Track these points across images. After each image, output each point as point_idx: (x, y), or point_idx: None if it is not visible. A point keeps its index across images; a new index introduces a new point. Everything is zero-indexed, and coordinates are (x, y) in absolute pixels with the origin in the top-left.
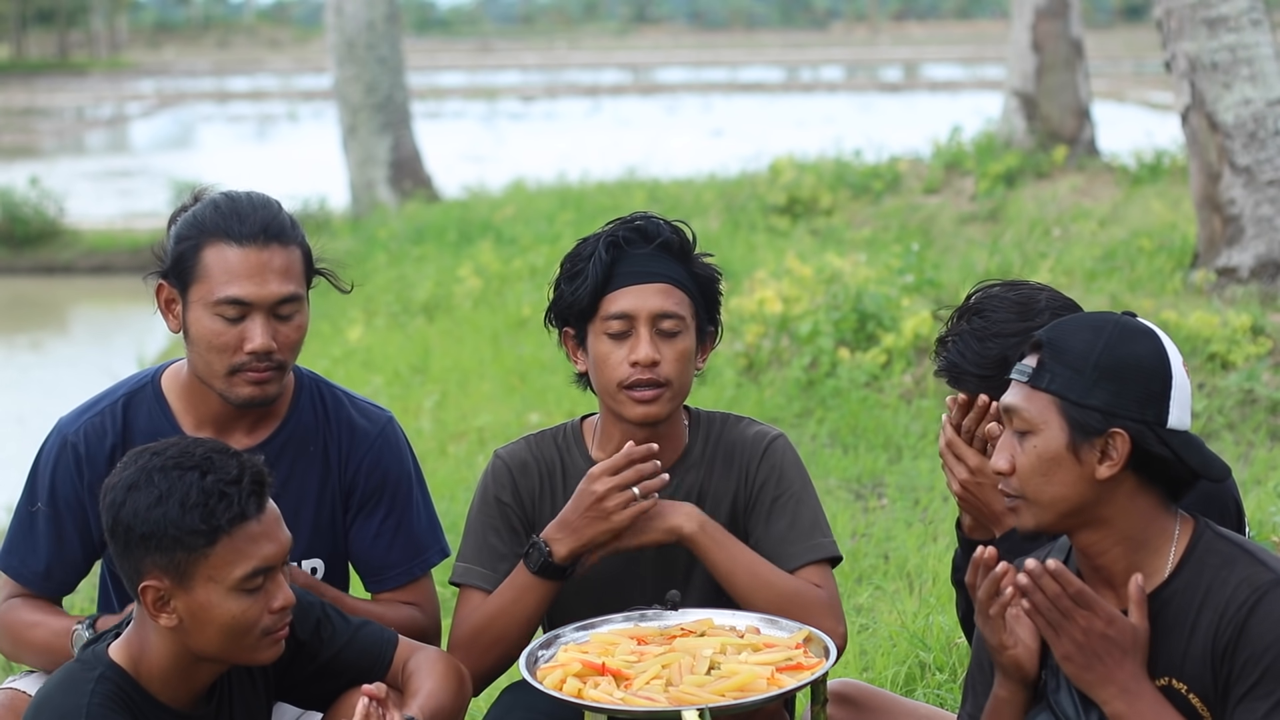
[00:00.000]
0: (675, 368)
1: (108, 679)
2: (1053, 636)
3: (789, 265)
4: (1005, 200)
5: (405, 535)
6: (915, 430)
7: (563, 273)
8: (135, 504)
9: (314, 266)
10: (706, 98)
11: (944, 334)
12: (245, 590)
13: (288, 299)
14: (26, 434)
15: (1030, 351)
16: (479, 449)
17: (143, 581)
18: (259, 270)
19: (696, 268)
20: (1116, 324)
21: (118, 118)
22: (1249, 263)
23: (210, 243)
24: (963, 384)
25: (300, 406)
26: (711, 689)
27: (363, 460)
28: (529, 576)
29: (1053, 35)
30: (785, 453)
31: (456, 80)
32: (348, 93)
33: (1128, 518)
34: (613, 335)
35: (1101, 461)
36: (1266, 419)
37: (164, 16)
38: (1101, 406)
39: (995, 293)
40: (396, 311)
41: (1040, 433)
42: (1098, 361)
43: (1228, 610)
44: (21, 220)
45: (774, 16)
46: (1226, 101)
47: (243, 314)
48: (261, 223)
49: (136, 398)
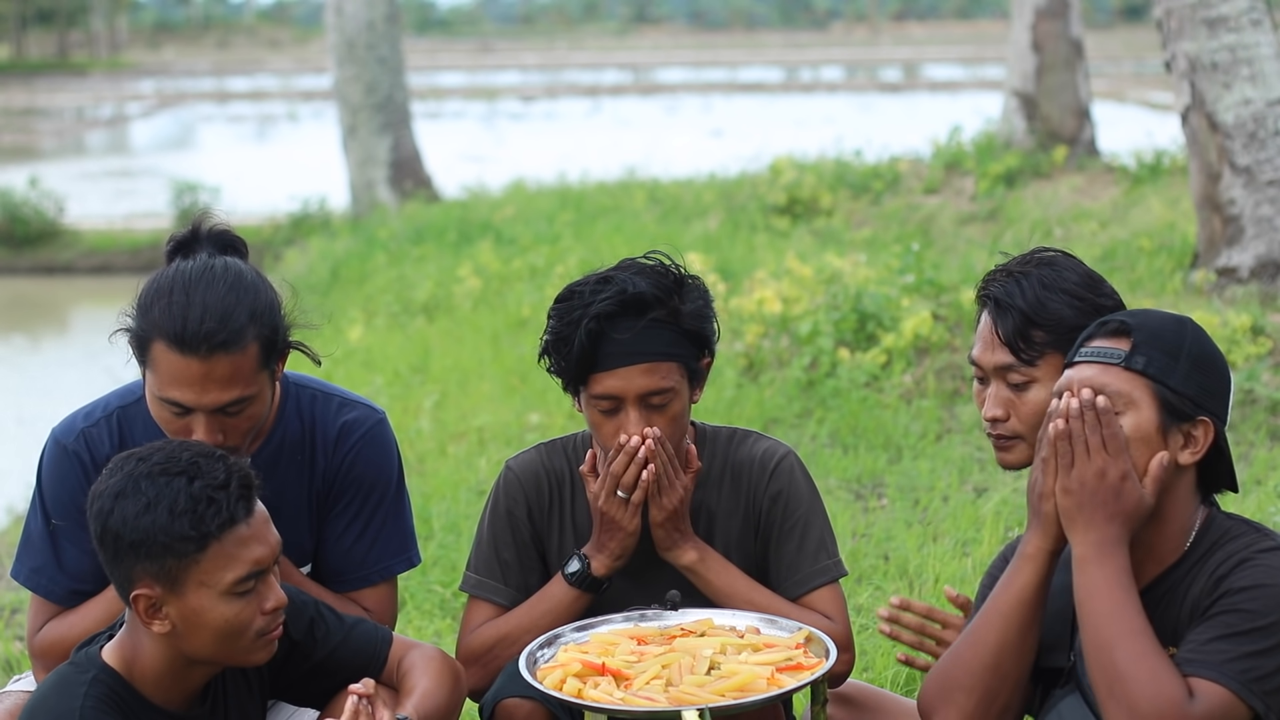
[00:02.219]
0: (667, 431)
1: (101, 681)
2: (1067, 465)
3: (789, 265)
4: (1005, 200)
5: (372, 539)
6: (915, 430)
7: (549, 330)
8: (124, 512)
9: (279, 349)
10: (706, 98)
11: (1004, 267)
12: (237, 594)
13: (232, 402)
14: (26, 434)
15: (1112, 336)
16: (479, 449)
17: (134, 590)
18: (200, 379)
19: (685, 322)
20: (1191, 321)
21: (118, 118)
22: (1249, 263)
23: (157, 340)
24: (1002, 319)
25: (286, 417)
26: (711, 689)
27: (344, 457)
28: (566, 589)
29: (1053, 35)
30: (793, 472)
31: (456, 80)
32: (348, 93)
33: (1175, 510)
34: (603, 411)
35: (1186, 447)
36: (1266, 419)
37: (164, 16)
38: (1193, 395)
39: (1064, 258)
40: (396, 311)
41: (1130, 413)
42: (1189, 351)
43: (1219, 570)
44: (21, 220)
45: (774, 16)
46: (1226, 101)
47: (187, 411)
48: (205, 334)
49: (131, 411)
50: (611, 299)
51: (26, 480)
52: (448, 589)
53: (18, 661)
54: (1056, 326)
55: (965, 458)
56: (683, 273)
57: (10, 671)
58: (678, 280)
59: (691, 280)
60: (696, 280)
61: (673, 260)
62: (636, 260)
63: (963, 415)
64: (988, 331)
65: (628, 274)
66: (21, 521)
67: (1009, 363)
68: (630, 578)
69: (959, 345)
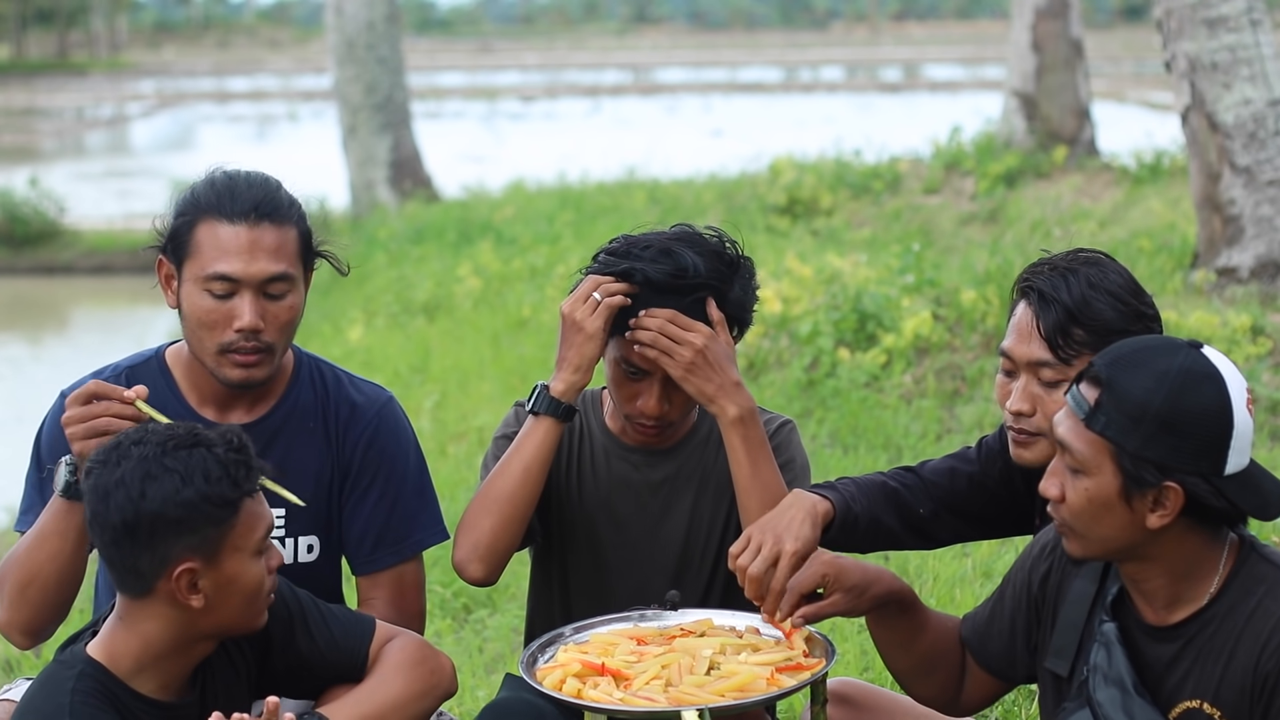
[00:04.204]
0: (685, 408)
1: (88, 675)
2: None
3: (789, 265)
4: (1005, 200)
5: (399, 516)
6: (915, 430)
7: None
8: (159, 492)
9: (313, 248)
10: (706, 98)
11: (1049, 261)
12: (259, 552)
13: (277, 277)
14: (26, 434)
15: (1089, 383)
16: (479, 449)
17: (176, 568)
18: (248, 248)
19: (729, 307)
20: (1181, 370)
21: (118, 118)
22: (1249, 263)
23: (204, 219)
24: (1045, 313)
25: (299, 383)
26: (711, 689)
27: (360, 437)
28: (530, 422)
29: (1053, 35)
30: (791, 437)
31: (456, 80)
32: (348, 93)
33: (1176, 555)
34: (627, 374)
35: (1154, 511)
36: (1267, 419)
37: (164, 16)
38: (1156, 460)
39: (1110, 260)
40: (396, 311)
41: (1092, 476)
42: (1157, 413)
43: (1272, 640)
44: (21, 220)
45: (774, 16)
46: (1226, 101)
47: (231, 291)
48: (254, 200)
49: (140, 371)
50: (667, 272)
51: None
52: (448, 589)
53: (18, 663)
54: (1098, 328)
55: None
56: (739, 254)
57: (11, 673)
58: (733, 263)
59: (745, 261)
60: (748, 263)
61: (730, 240)
62: (696, 232)
63: (963, 415)
64: (1026, 324)
65: (687, 250)
66: None
67: (1045, 359)
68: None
69: (959, 345)
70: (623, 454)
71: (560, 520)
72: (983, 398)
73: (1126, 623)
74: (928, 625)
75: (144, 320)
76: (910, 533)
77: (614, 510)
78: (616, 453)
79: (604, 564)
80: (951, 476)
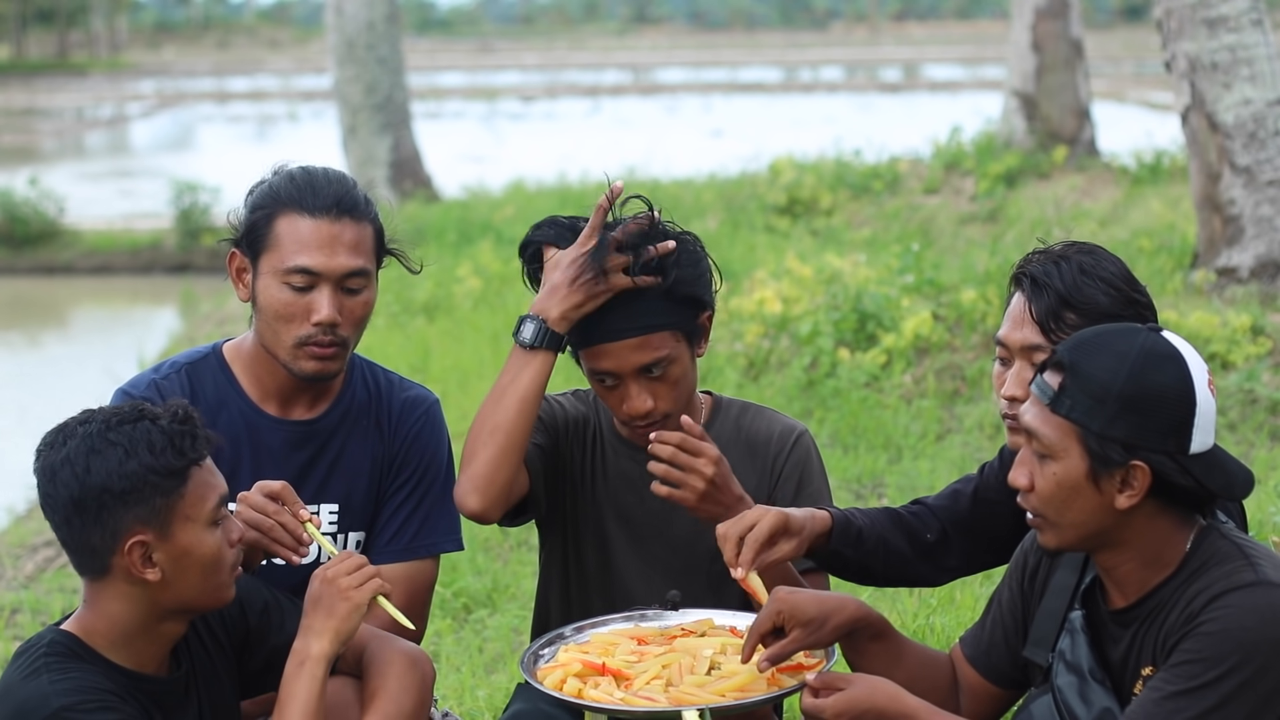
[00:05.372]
0: (672, 397)
1: (58, 643)
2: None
3: (789, 265)
4: (1005, 200)
5: (423, 514)
6: (915, 430)
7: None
8: (104, 465)
9: (385, 246)
10: (706, 98)
11: (1043, 250)
12: (214, 523)
13: (356, 273)
14: (26, 434)
15: (1051, 369)
16: None
17: (128, 540)
18: (329, 242)
19: (676, 291)
20: (1141, 350)
21: (118, 118)
22: (1249, 263)
23: (284, 213)
24: (1037, 298)
25: (354, 382)
26: (711, 689)
27: (410, 430)
28: (527, 353)
29: (1053, 35)
30: (811, 450)
31: (456, 80)
32: (348, 93)
33: (1146, 539)
34: (604, 385)
35: (1121, 491)
36: (1266, 419)
37: (164, 17)
38: (1122, 439)
39: (1104, 250)
40: (396, 311)
41: (1060, 460)
42: (1120, 392)
43: (1196, 600)
44: (21, 220)
45: (774, 16)
46: (1226, 101)
47: (311, 284)
48: (335, 196)
49: (199, 367)
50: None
51: (27, 481)
52: (448, 589)
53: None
54: (1090, 312)
55: (965, 458)
56: (673, 232)
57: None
58: (670, 251)
59: (681, 238)
60: (687, 238)
61: (660, 219)
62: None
63: (963, 415)
64: (1019, 310)
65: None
66: (22, 522)
67: (1037, 343)
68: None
69: (959, 345)
70: (629, 453)
71: (572, 515)
72: (983, 398)
73: (1095, 611)
74: (905, 654)
75: (144, 320)
76: (921, 557)
77: (621, 508)
78: (624, 451)
79: (611, 561)
80: (955, 498)
